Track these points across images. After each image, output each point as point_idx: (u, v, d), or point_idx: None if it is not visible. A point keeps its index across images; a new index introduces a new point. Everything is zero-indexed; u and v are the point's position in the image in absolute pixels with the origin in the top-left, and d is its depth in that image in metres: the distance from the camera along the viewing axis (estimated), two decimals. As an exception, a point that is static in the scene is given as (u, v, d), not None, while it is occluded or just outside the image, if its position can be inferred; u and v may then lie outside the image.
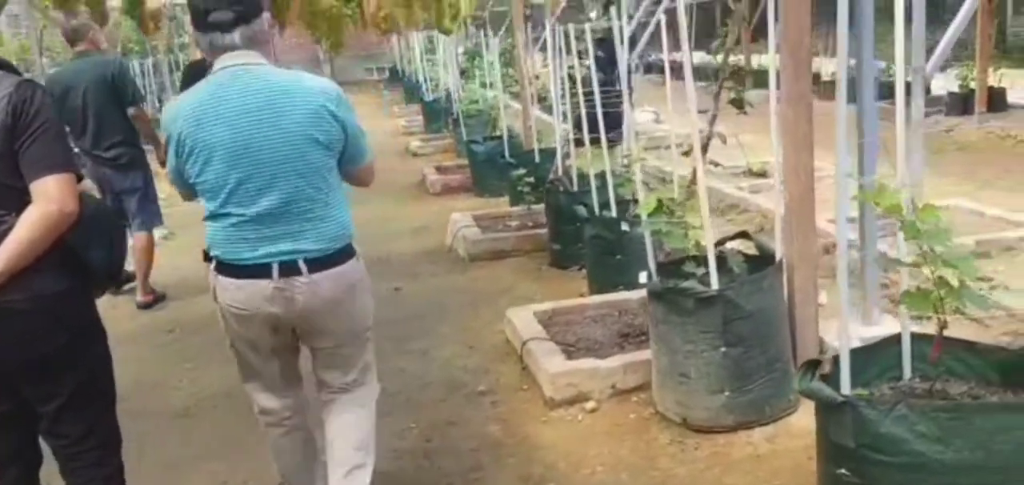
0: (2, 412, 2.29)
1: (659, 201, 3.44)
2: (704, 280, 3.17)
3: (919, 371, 2.49)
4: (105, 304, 5.40)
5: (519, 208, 6.75)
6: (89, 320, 2.37)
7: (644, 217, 3.48)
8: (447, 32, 6.72)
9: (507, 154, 7.54)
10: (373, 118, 16.31)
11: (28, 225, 2.09)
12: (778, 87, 3.20)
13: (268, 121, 2.28)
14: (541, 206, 6.09)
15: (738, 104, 3.84)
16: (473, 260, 5.92)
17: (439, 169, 9.24)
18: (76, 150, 5.14)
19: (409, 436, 3.47)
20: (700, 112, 4.54)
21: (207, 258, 2.48)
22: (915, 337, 2.48)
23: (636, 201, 4.34)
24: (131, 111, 5.26)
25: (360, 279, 2.55)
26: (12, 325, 2.13)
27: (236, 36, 2.31)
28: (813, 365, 2.43)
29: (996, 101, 10.34)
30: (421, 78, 14.54)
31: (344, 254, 2.45)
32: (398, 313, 5.02)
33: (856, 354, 2.63)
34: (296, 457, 2.78)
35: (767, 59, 3.31)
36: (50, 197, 2.10)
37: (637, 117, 8.37)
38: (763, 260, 3.39)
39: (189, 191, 2.47)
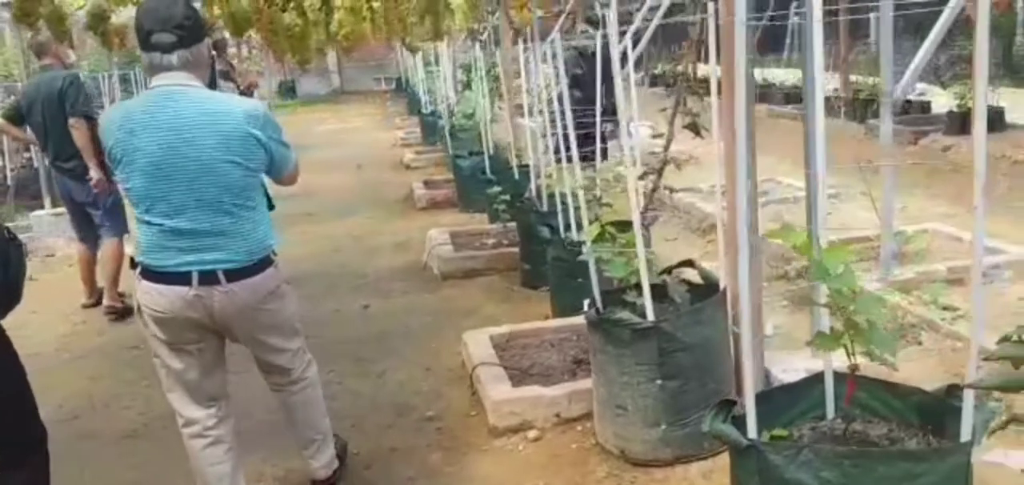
0: None
1: (602, 228, 3.39)
2: (641, 311, 3.12)
3: (842, 411, 2.43)
4: (77, 320, 5.48)
5: (496, 226, 6.72)
6: None
7: (587, 244, 3.43)
8: (413, 51, 6.70)
9: (488, 171, 7.50)
10: (375, 129, 16.40)
11: None
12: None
13: (191, 141, 2.42)
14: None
15: (693, 129, 3.79)
16: (445, 278, 5.89)
17: (427, 183, 9.23)
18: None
19: (350, 462, 3.43)
20: (656, 136, 4.52)
21: (133, 265, 2.63)
22: (838, 376, 2.43)
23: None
24: (70, 122, 5.25)
25: (277, 286, 2.70)
26: None
27: (174, 58, 2.46)
28: (728, 405, 2.37)
29: (994, 121, 10.20)
30: (421, 90, 14.55)
31: (262, 264, 2.61)
32: (363, 332, 5.00)
33: (783, 391, 2.60)
34: (220, 468, 2.81)
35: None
36: None
37: (635, 132, 8.31)
38: (707, 289, 3.34)
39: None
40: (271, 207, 2.77)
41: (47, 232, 7.30)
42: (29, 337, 5.14)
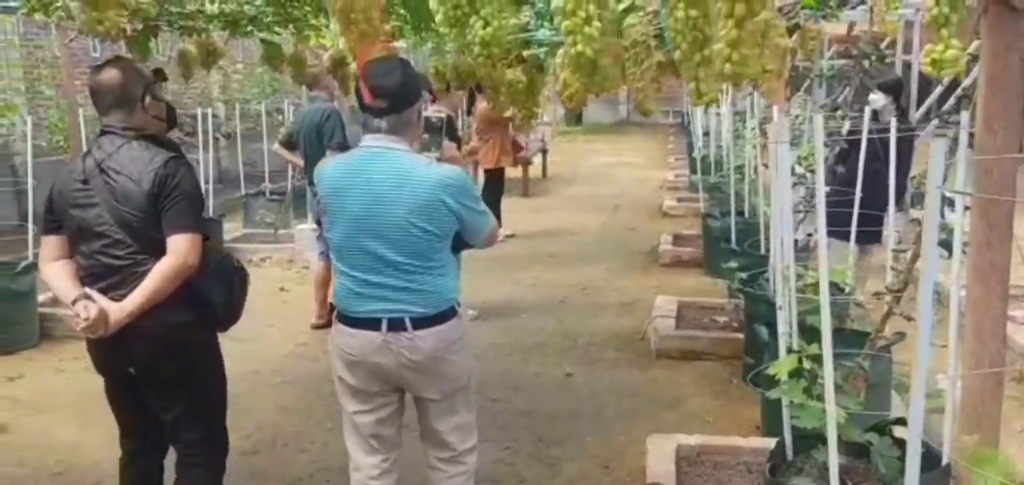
0: (136, 417, 2.90)
1: (799, 360, 2.78)
2: (824, 476, 2.48)
3: None
4: (301, 340, 5.76)
5: (734, 302, 6.06)
6: (205, 347, 2.87)
7: (782, 380, 2.83)
8: (647, 114, 6.24)
9: (733, 238, 6.83)
10: (647, 166, 16.04)
11: (159, 273, 2.62)
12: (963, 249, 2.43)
13: (387, 203, 2.59)
14: (754, 306, 5.39)
15: None
16: (660, 356, 5.40)
17: (676, 238, 8.70)
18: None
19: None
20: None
21: (331, 309, 2.95)
22: None
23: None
24: (327, 152, 5.51)
25: (460, 336, 2.79)
26: (144, 346, 2.67)
27: (384, 122, 2.65)
28: None
29: None
30: (697, 130, 13.92)
31: (446, 315, 2.72)
32: (554, 406, 4.69)
33: None
34: None
35: None
36: (177, 251, 2.63)
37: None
38: (927, 459, 2.59)
39: None
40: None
41: (307, 245, 7.87)
42: (256, 353, 5.50)
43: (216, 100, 13.19)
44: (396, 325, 2.66)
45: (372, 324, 2.67)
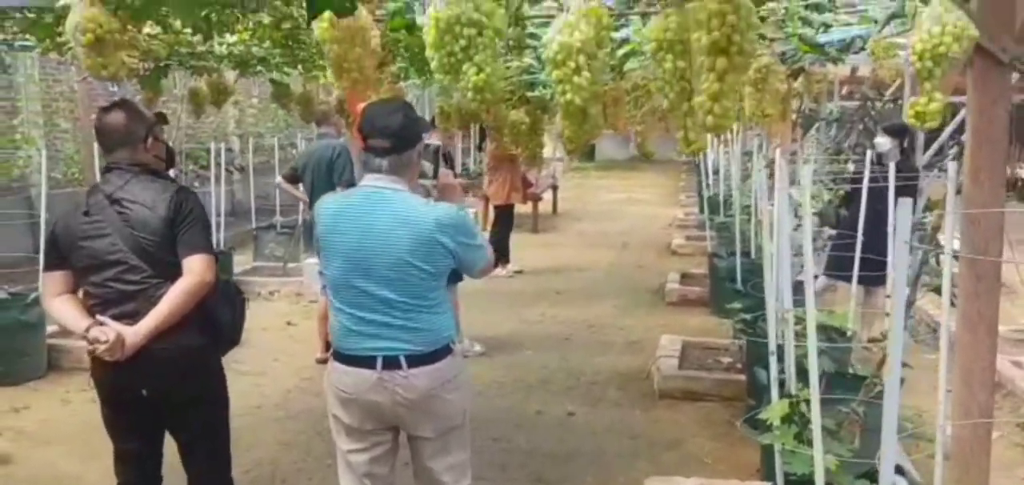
0: (137, 445, 2.97)
1: (791, 405, 2.78)
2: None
3: None
4: (305, 375, 5.79)
5: (738, 343, 6.05)
6: (216, 370, 2.99)
7: (774, 425, 2.83)
8: (648, 155, 6.32)
9: (738, 278, 6.83)
10: (658, 204, 16.06)
11: (177, 293, 2.73)
12: (952, 298, 2.44)
13: (383, 241, 2.62)
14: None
15: None
16: (662, 396, 5.39)
17: (684, 277, 8.69)
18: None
19: None
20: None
21: (327, 348, 2.94)
22: None
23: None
24: (337, 187, 5.57)
25: (455, 375, 2.79)
26: (159, 369, 2.75)
27: (385, 163, 2.69)
28: None
29: None
30: (707, 168, 13.94)
31: (441, 353, 2.73)
32: (554, 446, 4.69)
33: None
34: None
35: None
36: (194, 271, 2.75)
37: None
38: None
39: None
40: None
41: (315, 279, 7.93)
42: (261, 387, 5.55)
43: (231, 134, 13.35)
44: (391, 363, 2.67)
45: (367, 362, 2.69)
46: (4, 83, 9.03)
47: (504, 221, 9.26)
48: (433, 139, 5.04)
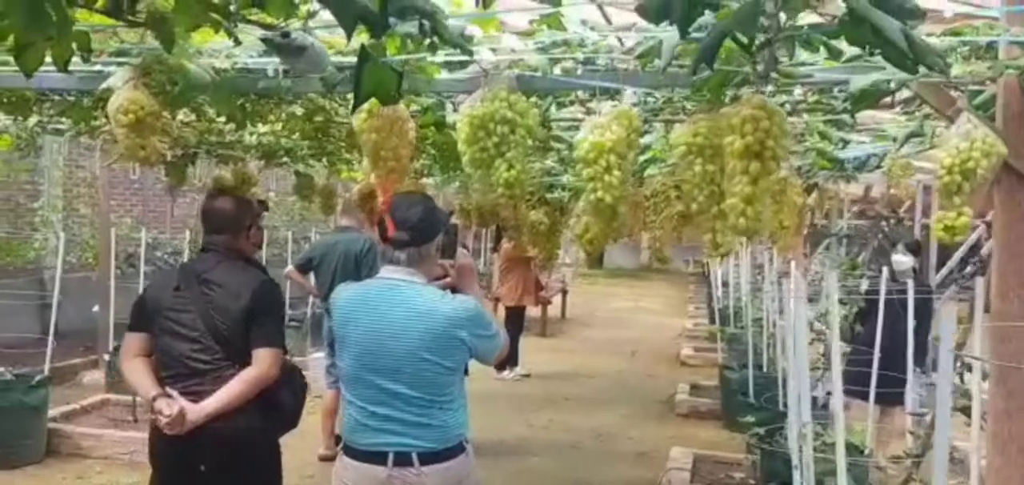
0: None
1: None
2: None
3: None
4: (308, 473, 5.68)
5: (751, 458, 5.93)
6: (274, 453, 3.04)
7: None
8: (664, 262, 6.30)
9: (751, 392, 6.75)
10: (666, 313, 16.01)
11: (242, 379, 2.83)
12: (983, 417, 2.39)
13: (397, 336, 2.59)
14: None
15: None
16: (671, 511, 5.26)
17: (694, 388, 8.58)
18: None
19: None
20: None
21: (337, 441, 2.95)
22: None
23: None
24: None
25: (467, 475, 2.75)
26: (218, 446, 2.82)
27: (403, 255, 2.68)
28: None
29: None
30: (717, 280, 13.94)
31: (454, 451, 2.68)
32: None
33: None
34: None
35: None
36: (261, 362, 2.86)
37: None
38: None
39: None
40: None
41: (321, 374, 7.86)
42: None
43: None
44: (403, 460, 2.62)
45: (378, 458, 2.64)
46: (30, 166, 9.17)
47: (515, 323, 9.23)
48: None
